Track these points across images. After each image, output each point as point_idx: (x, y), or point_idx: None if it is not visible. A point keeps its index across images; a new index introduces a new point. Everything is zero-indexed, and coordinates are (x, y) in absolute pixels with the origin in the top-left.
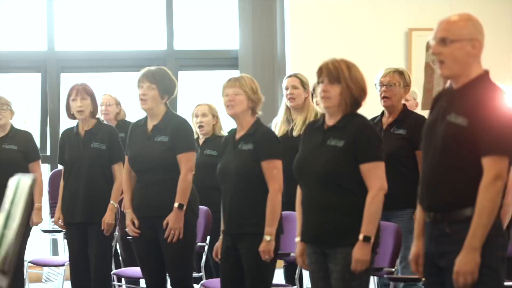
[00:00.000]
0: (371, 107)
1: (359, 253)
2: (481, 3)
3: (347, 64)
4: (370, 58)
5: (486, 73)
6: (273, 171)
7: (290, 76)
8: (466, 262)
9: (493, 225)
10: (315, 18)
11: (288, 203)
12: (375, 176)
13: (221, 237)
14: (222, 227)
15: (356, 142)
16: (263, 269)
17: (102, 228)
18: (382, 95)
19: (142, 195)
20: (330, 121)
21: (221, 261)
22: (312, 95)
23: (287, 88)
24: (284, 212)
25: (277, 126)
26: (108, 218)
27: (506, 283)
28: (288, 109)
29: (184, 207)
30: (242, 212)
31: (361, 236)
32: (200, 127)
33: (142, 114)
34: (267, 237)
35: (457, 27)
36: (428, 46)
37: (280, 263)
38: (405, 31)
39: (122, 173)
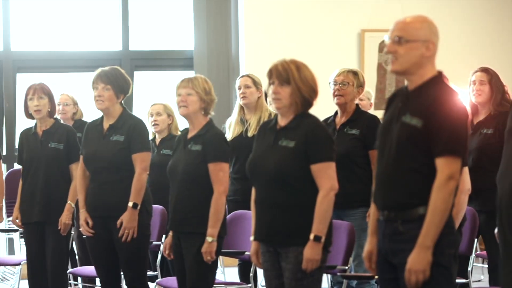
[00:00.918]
0: (325, 107)
1: (310, 252)
2: (432, 4)
3: (296, 65)
4: (323, 58)
5: (440, 74)
6: (219, 174)
7: (242, 76)
8: (418, 260)
9: (445, 224)
10: (269, 19)
11: (242, 202)
12: (326, 176)
13: (170, 234)
14: (168, 226)
15: (307, 143)
16: (204, 268)
17: (59, 227)
18: (335, 93)
19: (96, 194)
20: (282, 122)
21: (174, 258)
22: (266, 95)
23: (239, 88)
24: (238, 211)
25: (232, 126)
26: (65, 217)
27: (457, 281)
28: (242, 109)
29: (138, 207)
30: (186, 211)
31: (312, 236)
32: (154, 125)
33: (98, 114)
34: (209, 238)
35: (413, 28)
36: (381, 46)
37: (235, 261)
38: (358, 32)
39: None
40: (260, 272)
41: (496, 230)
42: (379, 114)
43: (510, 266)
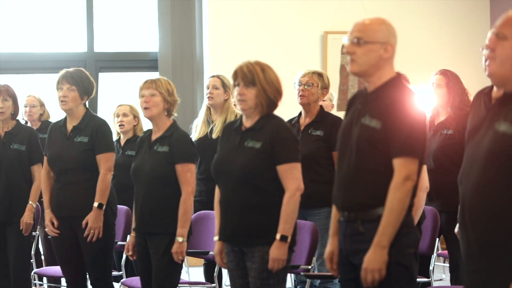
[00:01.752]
0: (288, 109)
1: (276, 252)
2: (394, 6)
3: (261, 67)
4: (286, 60)
5: (398, 76)
6: (187, 174)
7: (213, 76)
8: (374, 259)
9: (405, 223)
10: (234, 21)
11: (207, 203)
12: (291, 177)
13: (132, 234)
14: (133, 225)
15: (272, 144)
16: (170, 269)
17: (21, 227)
18: (300, 93)
19: (61, 195)
20: (247, 123)
21: (138, 259)
22: None
23: (208, 88)
24: (203, 212)
25: (198, 127)
26: (26, 218)
27: (419, 280)
28: (208, 109)
29: (104, 207)
30: (153, 212)
31: (278, 236)
32: (120, 125)
33: (63, 115)
34: (179, 239)
35: (371, 29)
36: (343, 47)
37: (200, 261)
38: (321, 34)
39: (41, 174)
40: (225, 272)
41: (456, 230)
42: (342, 115)
43: (472, 265)
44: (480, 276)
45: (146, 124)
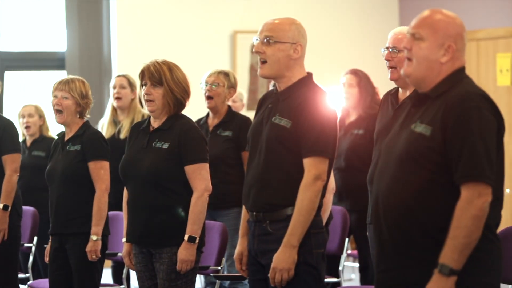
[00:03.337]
0: (197, 108)
1: (184, 253)
2: (303, 6)
3: (169, 66)
4: (195, 60)
5: (309, 75)
6: (100, 172)
7: (118, 76)
8: (283, 259)
9: (314, 224)
10: (142, 20)
11: (115, 204)
12: (199, 178)
13: (51, 239)
14: (50, 230)
15: (180, 144)
16: (90, 268)
17: None
18: (206, 94)
19: None
20: (155, 123)
21: (49, 262)
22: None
23: (114, 87)
24: (111, 213)
25: (104, 127)
26: None
27: (329, 280)
28: (114, 110)
29: (9, 208)
30: (68, 212)
31: (186, 237)
32: (26, 127)
33: None
34: (93, 237)
35: (281, 29)
36: (253, 47)
37: (108, 263)
38: (230, 33)
39: None
40: (133, 274)
41: (367, 230)
42: (252, 115)
43: (384, 265)
44: (392, 275)
45: (53, 124)
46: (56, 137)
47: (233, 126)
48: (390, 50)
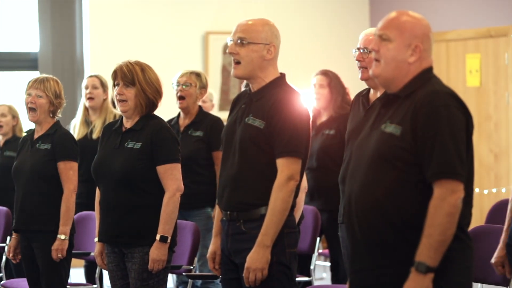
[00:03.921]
0: (169, 109)
1: (156, 253)
2: (275, 7)
3: (141, 66)
4: (168, 60)
5: (282, 76)
6: (69, 172)
7: (90, 76)
8: (257, 258)
9: (287, 223)
10: (114, 21)
11: (87, 205)
12: (171, 178)
13: (14, 236)
14: (14, 226)
15: (153, 144)
16: (57, 267)
17: None
18: (178, 94)
19: None
20: (127, 124)
21: (23, 260)
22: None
23: (86, 88)
24: (83, 213)
25: (76, 127)
26: None
27: (300, 279)
28: (86, 110)
29: None
30: (34, 209)
31: (158, 236)
32: None
33: None
34: (61, 236)
35: (255, 30)
36: (226, 48)
37: (80, 262)
38: (202, 34)
39: None
40: (106, 273)
41: (339, 229)
42: (224, 115)
43: (358, 265)
44: (366, 275)
45: (26, 124)
46: (25, 133)
47: (204, 126)
48: (362, 50)
